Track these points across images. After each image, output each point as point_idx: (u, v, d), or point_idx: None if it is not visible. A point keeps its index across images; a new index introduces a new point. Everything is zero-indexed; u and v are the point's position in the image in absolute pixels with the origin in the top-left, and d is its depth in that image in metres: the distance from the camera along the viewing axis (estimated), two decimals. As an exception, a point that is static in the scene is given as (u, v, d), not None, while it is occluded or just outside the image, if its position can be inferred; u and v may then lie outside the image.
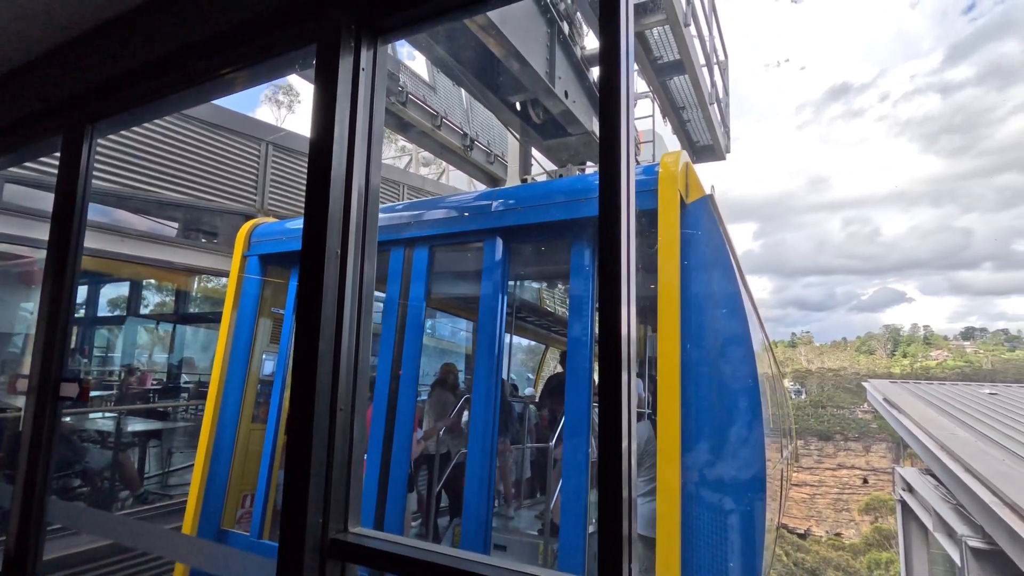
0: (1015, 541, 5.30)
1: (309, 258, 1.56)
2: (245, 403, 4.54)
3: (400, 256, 4.03)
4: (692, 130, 7.81)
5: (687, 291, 2.92)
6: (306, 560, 1.43)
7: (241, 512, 4.53)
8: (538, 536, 4.35)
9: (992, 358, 50.50)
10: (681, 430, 2.80)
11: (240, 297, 4.64)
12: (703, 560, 2.76)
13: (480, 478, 3.42)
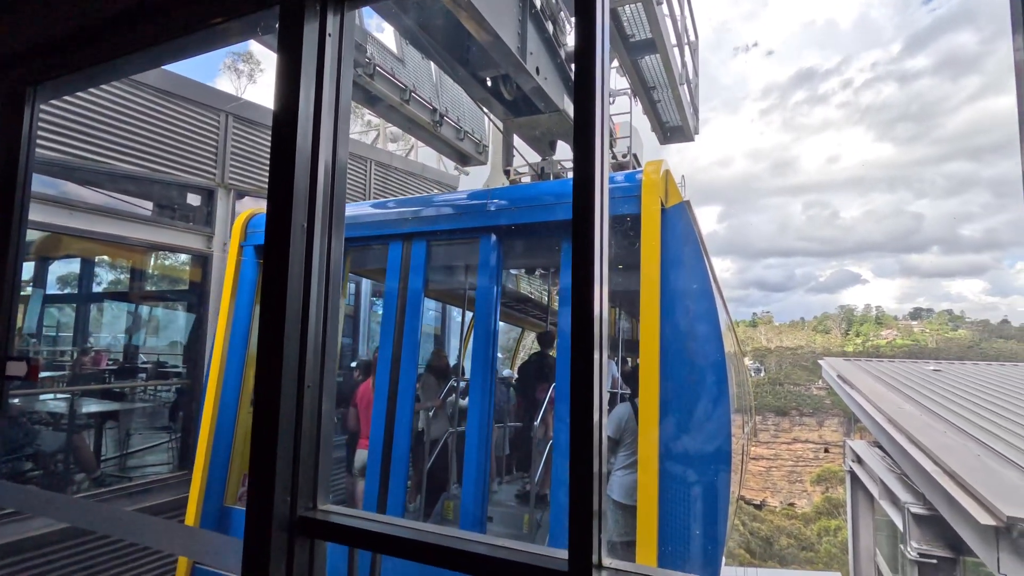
0: (952, 506, 5.66)
1: (274, 232, 1.51)
2: (244, 387, 4.70)
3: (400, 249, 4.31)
4: (662, 110, 7.85)
5: (666, 285, 3.26)
6: (273, 538, 1.41)
7: (242, 490, 4.69)
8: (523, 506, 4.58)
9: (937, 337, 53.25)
10: (659, 410, 3.13)
11: (238, 285, 4.80)
12: (677, 524, 3.07)
13: (478, 455, 3.73)
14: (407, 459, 4.05)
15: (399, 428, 4.02)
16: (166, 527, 1.83)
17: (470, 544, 1.33)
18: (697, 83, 8.25)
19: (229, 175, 6.94)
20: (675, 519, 3.06)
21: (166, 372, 8.42)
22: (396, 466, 3.98)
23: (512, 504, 4.54)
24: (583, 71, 1.35)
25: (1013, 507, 4.76)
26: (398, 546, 1.43)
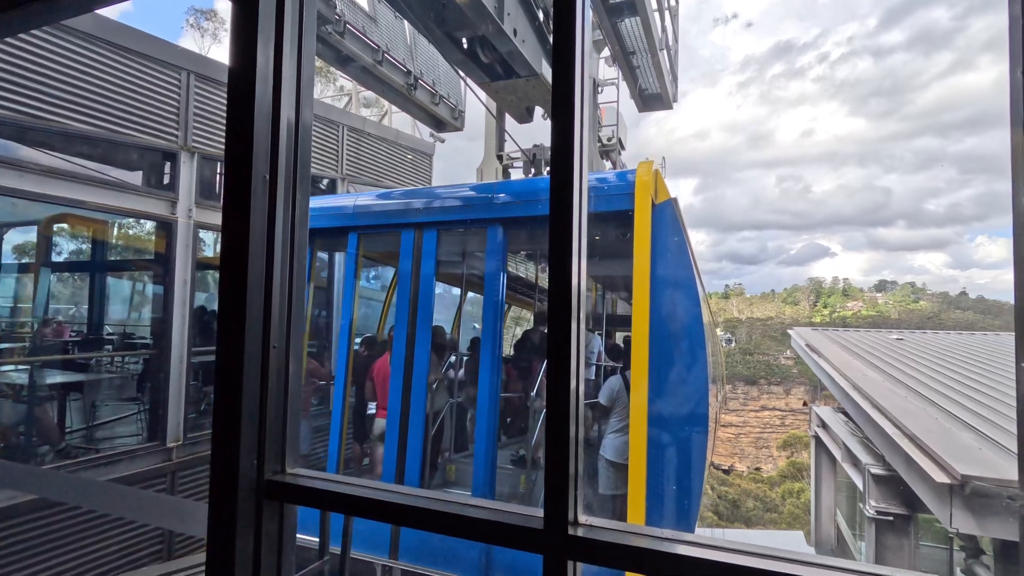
0: (910, 466, 5.91)
1: (233, 182, 1.41)
2: None
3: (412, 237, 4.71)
4: (641, 76, 7.74)
5: (654, 270, 3.74)
6: (240, 502, 1.36)
7: None
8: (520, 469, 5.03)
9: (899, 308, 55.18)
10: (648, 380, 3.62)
11: None
12: (662, 479, 3.60)
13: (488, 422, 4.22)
14: (423, 426, 4.48)
15: (415, 399, 4.47)
16: (130, 495, 1.77)
17: (445, 505, 1.30)
18: (677, 49, 8.15)
19: (193, 138, 6.64)
20: (659, 475, 3.58)
21: (133, 343, 8.19)
22: (412, 433, 4.41)
23: (510, 467, 4.88)
24: (562, 34, 1.28)
25: (967, 466, 4.99)
26: (370, 508, 1.40)
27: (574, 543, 1.16)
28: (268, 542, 1.41)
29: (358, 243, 5.05)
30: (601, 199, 4.06)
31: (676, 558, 1.12)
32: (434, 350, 5.56)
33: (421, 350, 4.56)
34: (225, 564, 1.34)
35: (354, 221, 5.03)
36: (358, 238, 5.04)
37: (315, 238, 5.56)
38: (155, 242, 7.26)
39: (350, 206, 5.16)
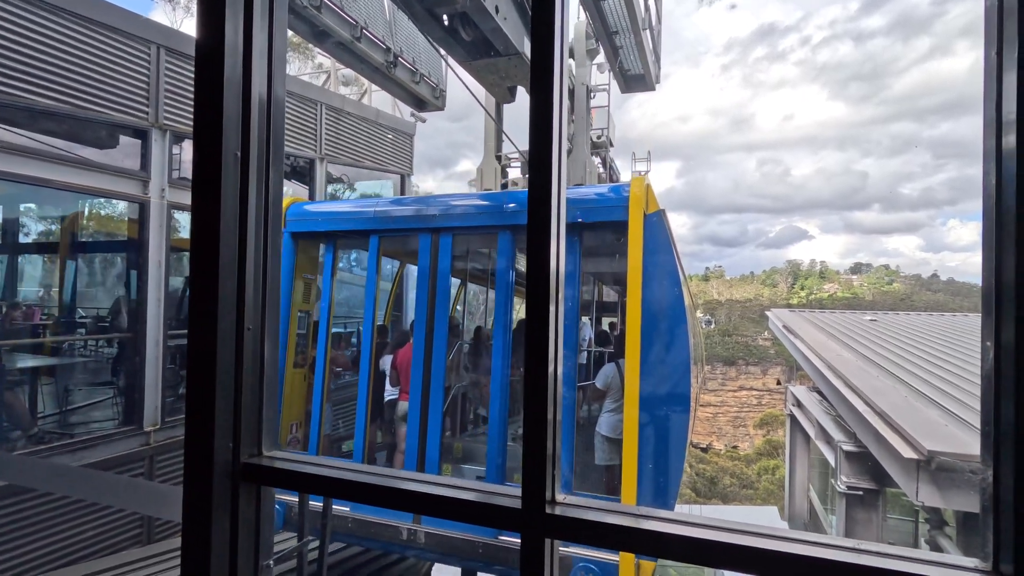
0: (880, 443, 6.10)
1: (203, 158, 1.37)
2: (288, 353, 5.75)
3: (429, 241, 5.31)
4: (624, 57, 7.68)
5: (645, 271, 4.35)
6: (215, 485, 1.34)
7: (290, 437, 5.81)
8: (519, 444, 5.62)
9: (874, 290, 56.46)
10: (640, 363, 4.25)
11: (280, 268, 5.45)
12: (651, 452, 4.21)
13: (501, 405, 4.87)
14: (441, 407, 5.09)
15: (434, 383, 5.07)
16: (103, 480, 1.74)
17: (423, 486, 1.31)
18: (660, 30, 8.08)
19: (164, 115, 6.44)
20: (648, 448, 4.22)
21: (107, 327, 8.01)
22: (432, 413, 5.03)
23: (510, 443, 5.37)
24: (541, 7, 1.25)
25: (933, 442, 5.16)
26: (349, 490, 1.40)
27: (552, 521, 1.17)
28: (245, 526, 1.40)
29: (379, 245, 5.63)
30: (601, 210, 4.70)
31: (652, 535, 1.14)
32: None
33: (439, 340, 5.14)
34: (201, 548, 1.33)
35: (376, 225, 5.58)
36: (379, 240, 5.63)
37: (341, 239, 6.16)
38: (128, 224, 7.07)
39: (371, 211, 5.74)
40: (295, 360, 5.99)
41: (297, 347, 5.99)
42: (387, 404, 5.98)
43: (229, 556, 1.38)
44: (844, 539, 1.08)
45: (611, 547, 1.28)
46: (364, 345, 5.61)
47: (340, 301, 7.38)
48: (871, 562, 1.00)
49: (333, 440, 6.44)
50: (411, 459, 5.00)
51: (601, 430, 5.22)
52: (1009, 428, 0.93)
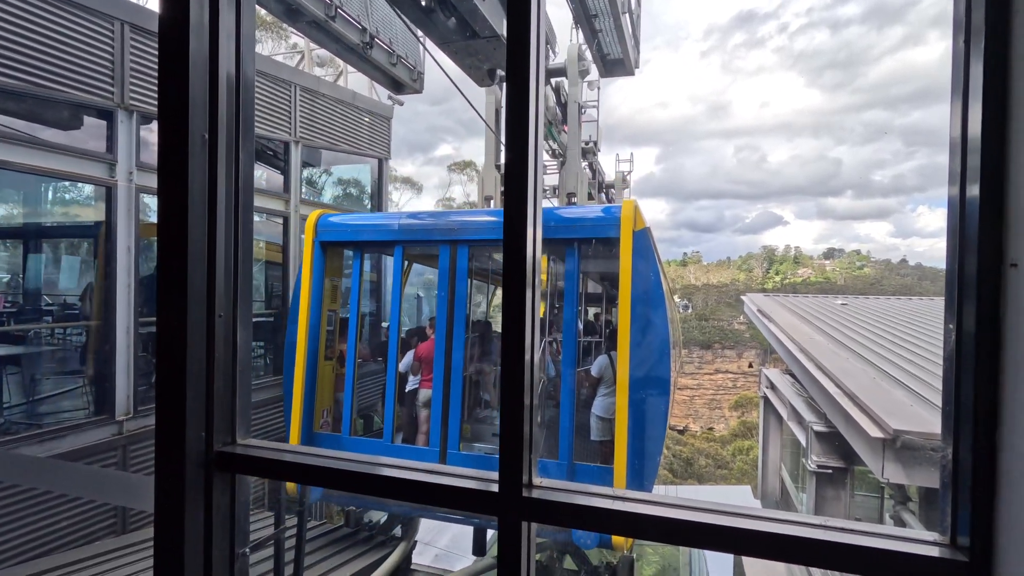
0: (849, 423, 6.30)
1: (168, 142, 1.33)
2: (320, 349, 6.54)
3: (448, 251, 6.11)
4: (603, 41, 7.63)
5: (634, 279, 5.22)
6: (188, 474, 1.33)
7: (322, 421, 6.58)
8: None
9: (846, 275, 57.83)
10: (629, 356, 5.15)
11: (312, 272, 6.46)
12: (639, 429, 5.15)
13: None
14: (461, 394, 5.88)
15: (453, 374, 5.89)
16: (72, 471, 1.70)
17: (400, 471, 1.31)
18: (639, 14, 8.05)
19: (130, 95, 6.21)
20: (635, 425, 5.14)
21: (76, 314, 7.78)
22: (453, 398, 5.85)
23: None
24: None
25: (898, 421, 5.34)
26: (325, 476, 1.39)
27: (528, 505, 1.19)
28: (219, 515, 1.39)
29: (403, 254, 6.59)
30: (599, 226, 5.64)
31: (628, 516, 1.16)
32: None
33: (457, 336, 6.02)
34: (174, 539, 1.31)
35: (401, 236, 6.43)
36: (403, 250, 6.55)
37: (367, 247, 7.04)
38: (95, 208, 6.84)
39: (396, 224, 6.63)
40: (325, 353, 6.74)
41: (326, 342, 6.74)
42: (408, 393, 6.72)
43: (203, 546, 1.37)
44: (811, 516, 1.11)
45: (588, 529, 1.30)
46: (392, 340, 6.48)
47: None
48: (836, 538, 1.03)
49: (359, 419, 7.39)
50: (435, 436, 5.89)
51: (596, 411, 6.07)
52: (968, 408, 0.96)
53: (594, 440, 6.04)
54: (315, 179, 10.88)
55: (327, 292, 6.66)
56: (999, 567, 0.92)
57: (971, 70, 0.98)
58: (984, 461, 0.93)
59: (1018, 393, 0.88)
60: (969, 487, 0.95)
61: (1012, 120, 0.91)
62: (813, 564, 1.08)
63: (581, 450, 5.78)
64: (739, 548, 1.15)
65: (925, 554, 0.98)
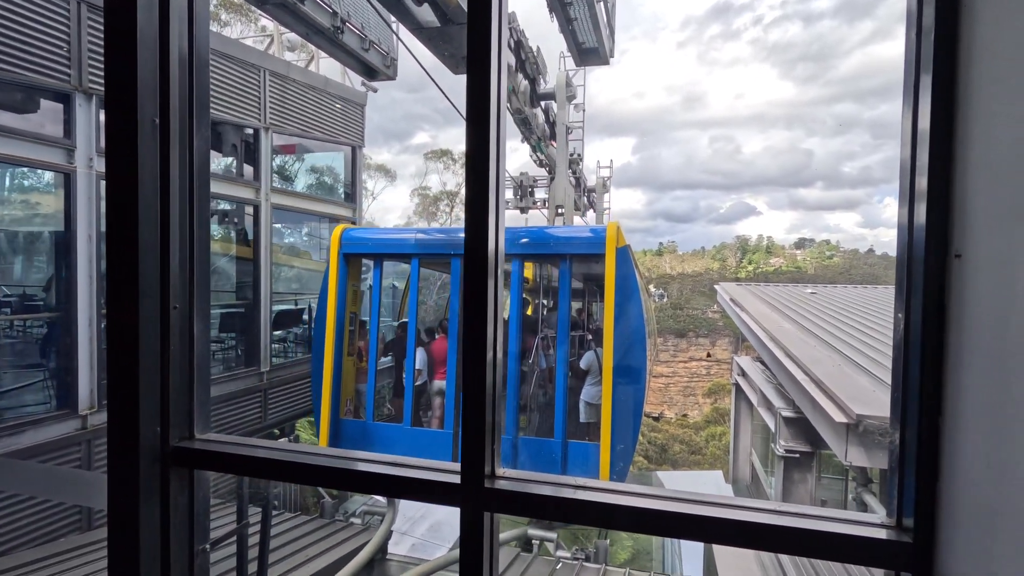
0: (815, 408, 6.47)
1: (116, 129, 1.27)
2: (344, 349, 7.51)
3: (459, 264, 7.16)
4: (578, 30, 7.60)
5: (617, 288, 6.26)
6: (143, 471, 1.29)
7: (346, 409, 7.58)
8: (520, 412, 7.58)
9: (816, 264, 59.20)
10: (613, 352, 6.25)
11: (337, 280, 7.39)
12: (621, 412, 6.20)
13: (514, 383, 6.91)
14: None
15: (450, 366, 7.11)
16: (19, 469, 1.64)
17: (361, 464, 1.29)
18: (614, 2, 8.03)
19: (89, 77, 5.97)
20: (620, 409, 6.24)
21: (37, 306, 7.50)
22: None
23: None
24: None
25: (862, 406, 5.51)
26: (287, 471, 1.37)
27: (491, 495, 1.19)
28: (177, 512, 1.36)
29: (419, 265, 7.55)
30: (589, 244, 6.74)
31: (594, 505, 1.17)
32: None
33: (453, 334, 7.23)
34: (128, 537, 1.28)
35: (417, 249, 7.48)
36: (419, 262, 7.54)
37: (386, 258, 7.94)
38: (54, 195, 6.58)
39: (412, 239, 7.78)
40: (348, 349, 7.62)
41: (349, 340, 7.65)
42: (417, 386, 7.56)
43: (161, 543, 1.34)
44: (767, 502, 1.14)
45: (553, 519, 1.30)
46: (410, 340, 7.54)
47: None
48: (790, 523, 1.06)
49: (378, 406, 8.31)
50: (449, 421, 6.94)
51: (584, 398, 7.09)
52: (914, 395, 0.99)
53: (583, 422, 7.04)
54: (288, 167, 10.65)
55: (349, 297, 7.57)
56: (940, 547, 0.95)
57: (922, 64, 1.00)
58: (928, 446, 0.96)
59: (960, 380, 0.91)
60: (914, 471, 0.98)
61: (959, 114, 0.93)
62: (769, 549, 1.11)
63: (573, 430, 6.89)
64: (703, 535, 1.17)
65: (873, 536, 1.01)
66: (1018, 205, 0.78)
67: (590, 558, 7.35)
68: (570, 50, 8.23)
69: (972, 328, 0.88)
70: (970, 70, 0.92)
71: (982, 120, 0.88)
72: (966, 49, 0.93)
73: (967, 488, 0.88)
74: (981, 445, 0.85)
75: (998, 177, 0.84)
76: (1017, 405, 0.77)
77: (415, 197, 39.55)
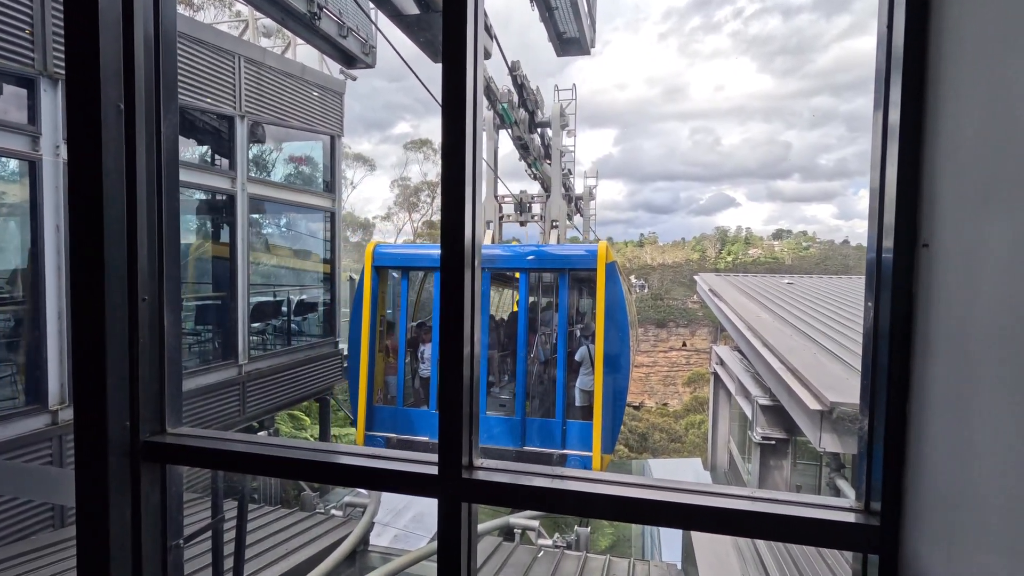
0: (791, 396, 6.61)
1: (78, 114, 1.23)
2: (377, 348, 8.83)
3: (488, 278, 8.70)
4: (559, 19, 7.55)
5: (605, 296, 7.60)
6: (111, 466, 1.26)
7: (378, 398, 8.87)
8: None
9: (793, 255, 60.19)
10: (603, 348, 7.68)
11: (370, 289, 8.64)
12: (608, 397, 7.63)
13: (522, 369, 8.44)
14: (486, 372, 8.77)
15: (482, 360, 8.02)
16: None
17: (337, 456, 1.28)
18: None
19: (54, 62, 5.76)
20: (608, 394, 7.64)
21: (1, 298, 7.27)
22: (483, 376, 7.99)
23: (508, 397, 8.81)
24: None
25: (835, 394, 5.64)
26: (262, 464, 1.35)
27: (468, 486, 1.19)
28: (149, 508, 1.33)
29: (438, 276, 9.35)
30: (583, 260, 8.23)
31: (571, 494, 1.17)
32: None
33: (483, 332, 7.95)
34: (98, 534, 1.25)
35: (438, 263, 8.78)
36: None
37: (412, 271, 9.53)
38: (19, 184, 6.36)
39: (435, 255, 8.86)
40: (380, 346, 8.95)
41: (380, 338, 8.97)
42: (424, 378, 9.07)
43: (132, 540, 1.31)
44: (741, 488, 1.16)
45: (531, 508, 1.31)
46: (434, 340, 8.66)
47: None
48: (763, 508, 1.08)
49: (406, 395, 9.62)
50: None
51: (579, 386, 8.32)
52: (882, 381, 1.01)
53: (578, 406, 8.31)
54: (265, 156, 10.44)
55: (380, 303, 8.93)
56: (906, 530, 0.97)
57: (892, 61, 1.01)
58: (895, 432, 0.98)
59: (927, 367, 0.93)
60: (882, 456, 1.00)
61: (928, 109, 0.95)
62: (742, 535, 1.13)
63: (570, 412, 8.26)
64: (681, 522, 1.18)
65: (842, 520, 1.04)
66: (983, 196, 0.80)
67: (571, 546, 7.44)
68: (551, 39, 8.18)
69: (939, 316, 0.90)
70: (939, 67, 0.93)
71: (950, 115, 0.89)
72: (935, 46, 0.94)
73: (932, 472, 0.91)
74: (946, 431, 0.87)
75: (964, 169, 0.85)
76: (981, 391, 0.79)
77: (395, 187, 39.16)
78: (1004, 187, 0.76)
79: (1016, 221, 0.73)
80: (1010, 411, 0.72)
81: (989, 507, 0.76)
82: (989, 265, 0.78)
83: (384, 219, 39.77)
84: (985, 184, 0.80)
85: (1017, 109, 0.74)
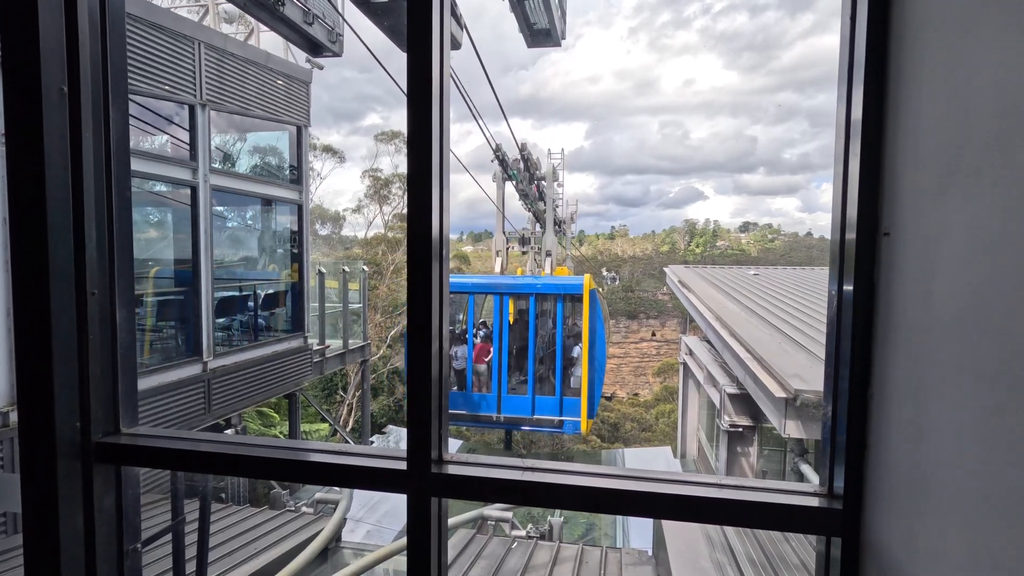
0: (757, 385, 6.78)
1: (16, 98, 1.15)
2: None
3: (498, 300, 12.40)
4: (529, 10, 7.51)
5: (589, 319, 11.54)
6: (61, 469, 1.20)
7: None
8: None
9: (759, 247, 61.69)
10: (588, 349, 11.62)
11: None
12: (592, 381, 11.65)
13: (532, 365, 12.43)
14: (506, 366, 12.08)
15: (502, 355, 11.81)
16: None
17: (302, 454, 1.25)
18: (566, -16, 7.99)
19: None
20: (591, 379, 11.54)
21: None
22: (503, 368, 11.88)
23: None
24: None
25: (799, 382, 5.81)
26: (224, 463, 1.31)
27: (437, 481, 1.17)
28: (102, 511, 1.27)
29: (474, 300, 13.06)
30: (571, 288, 11.92)
31: (542, 486, 1.17)
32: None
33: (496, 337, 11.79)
34: (47, 540, 1.19)
35: (471, 288, 13.11)
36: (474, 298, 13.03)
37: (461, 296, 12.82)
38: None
39: (469, 283, 13.55)
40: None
41: None
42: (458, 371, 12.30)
43: (85, 545, 1.25)
44: (707, 476, 1.17)
45: (501, 501, 1.29)
46: (468, 344, 12.29)
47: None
48: (729, 495, 1.09)
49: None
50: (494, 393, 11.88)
51: (574, 372, 11.75)
52: (845, 368, 1.03)
53: (572, 387, 11.72)
54: (229, 147, 10.12)
55: None
56: (867, 513, 1.00)
57: (855, 54, 1.02)
58: (857, 417, 1.01)
59: (888, 352, 0.95)
60: (844, 441, 1.02)
61: (889, 104, 0.96)
62: (709, 522, 1.14)
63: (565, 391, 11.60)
64: (643, 511, 1.19)
65: (805, 504, 1.06)
66: (941, 186, 0.81)
67: (545, 536, 7.50)
68: (521, 31, 8.14)
69: (899, 302, 0.92)
70: (900, 64, 0.94)
71: (910, 110, 0.91)
72: (896, 44, 0.95)
73: (893, 456, 0.93)
74: (906, 415, 0.90)
75: (923, 161, 0.87)
76: (939, 375, 0.81)
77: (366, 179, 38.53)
78: (961, 177, 0.77)
79: (972, 210, 0.75)
80: (966, 395, 0.74)
81: (946, 488, 0.78)
82: (947, 252, 0.79)
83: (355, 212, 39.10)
84: (943, 175, 0.81)
85: (973, 103, 0.76)
